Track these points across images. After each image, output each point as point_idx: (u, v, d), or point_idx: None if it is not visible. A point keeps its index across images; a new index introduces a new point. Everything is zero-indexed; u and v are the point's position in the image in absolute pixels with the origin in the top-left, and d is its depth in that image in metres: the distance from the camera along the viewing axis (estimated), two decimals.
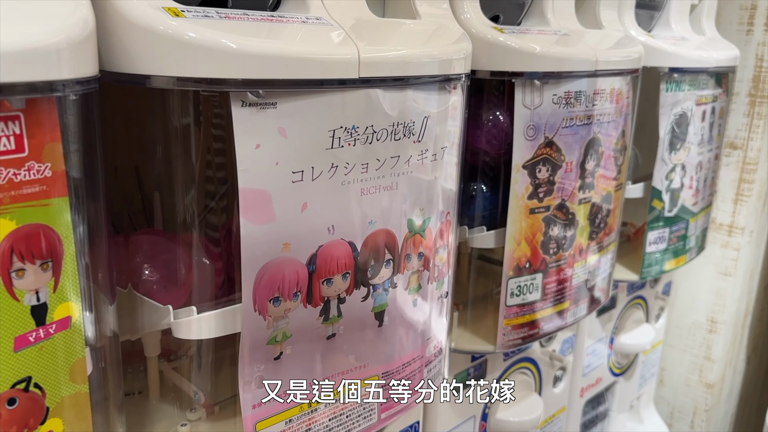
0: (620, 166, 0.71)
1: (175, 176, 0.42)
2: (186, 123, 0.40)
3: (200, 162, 0.43)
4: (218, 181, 0.46)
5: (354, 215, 0.44)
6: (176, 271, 0.46)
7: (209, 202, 0.47)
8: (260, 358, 0.42)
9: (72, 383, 0.34)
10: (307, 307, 0.43)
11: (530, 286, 0.64)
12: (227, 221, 0.47)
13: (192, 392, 0.50)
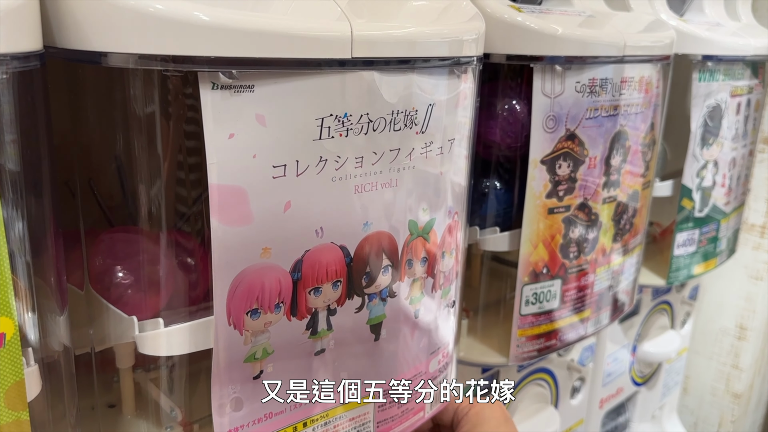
0: (648, 162, 0.65)
1: (140, 173, 0.37)
2: (150, 112, 0.35)
3: (169, 160, 0.38)
4: (191, 183, 0.41)
5: (346, 216, 0.39)
6: (147, 276, 0.41)
7: (183, 208, 0.42)
8: (237, 378, 0.37)
9: (9, 410, 0.29)
10: (292, 320, 0.38)
11: (548, 293, 0.58)
12: (203, 226, 0.42)
13: (168, 408, 0.45)
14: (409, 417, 0.48)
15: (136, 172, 0.37)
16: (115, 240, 0.42)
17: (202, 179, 0.41)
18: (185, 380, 0.45)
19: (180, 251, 0.42)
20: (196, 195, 0.42)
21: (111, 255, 0.40)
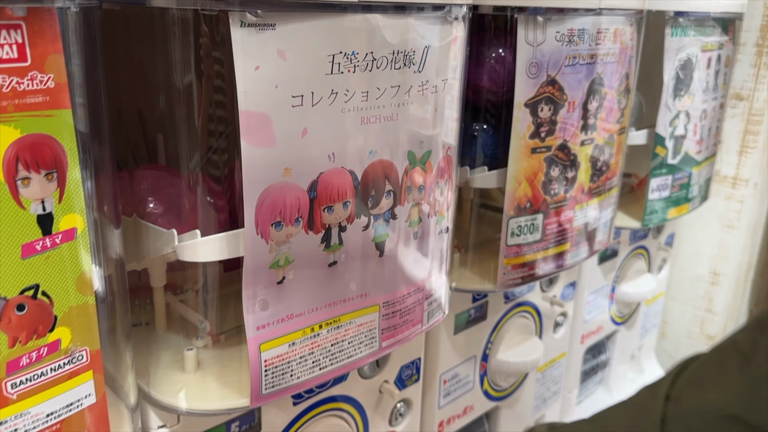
0: (623, 109, 0.71)
1: (177, 108, 0.42)
2: (187, 51, 0.41)
3: (203, 93, 0.44)
4: (218, 119, 0.47)
5: (354, 144, 0.45)
6: (180, 205, 0.46)
7: (213, 142, 0.47)
8: (263, 282, 0.43)
9: (79, 294, 0.35)
10: (309, 233, 0.44)
11: (531, 226, 0.64)
12: (230, 159, 0.47)
13: (198, 321, 0.51)
14: (409, 327, 0.54)
15: (175, 106, 0.42)
16: (150, 176, 0.48)
17: (227, 116, 0.47)
18: (213, 298, 0.51)
19: (207, 187, 0.47)
20: (222, 129, 0.48)
21: (153, 184, 0.46)
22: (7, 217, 0.31)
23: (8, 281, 0.31)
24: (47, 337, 0.34)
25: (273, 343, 0.45)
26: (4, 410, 0.33)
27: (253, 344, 0.44)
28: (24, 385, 0.33)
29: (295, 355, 0.46)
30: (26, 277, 0.32)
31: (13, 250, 0.31)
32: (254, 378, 0.44)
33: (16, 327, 0.32)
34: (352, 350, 0.50)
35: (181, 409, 0.45)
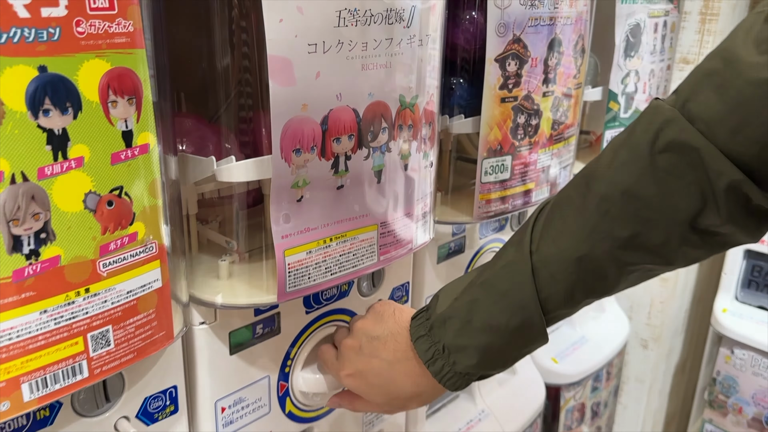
0: (579, 66, 0.82)
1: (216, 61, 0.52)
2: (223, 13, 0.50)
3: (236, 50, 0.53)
4: (245, 69, 0.56)
5: (357, 86, 0.55)
6: (215, 141, 0.56)
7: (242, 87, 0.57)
8: (286, 199, 0.53)
9: (150, 197, 0.44)
10: (321, 160, 0.54)
11: (501, 166, 0.75)
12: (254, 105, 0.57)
13: (226, 242, 0.60)
14: (402, 246, 0.64)
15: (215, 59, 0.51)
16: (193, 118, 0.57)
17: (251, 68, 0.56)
18: (238, 222, 0.60)
19: (239, 121, 0.57)
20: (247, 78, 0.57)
21: (192, 125, 0.55)
22: (101, 132, 0.40)
23: (102, 182, 0.41)
24: (128, 229, 0.43)
25: (294, 251, 0.55)
26: (97, 284, 0.42)
27: (279, 250, 0.54)
28: (111, 266, 0.43)
29: (311, 262, 0.56)
30: (114, 180, 0.42)
31: (105, 158, 0.41)
32: (280, 278, 0.54)
33: (107, 218, 0.42)
34: (356, 261, 0.60)
35: (218, 304, 0.55)
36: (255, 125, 0.57)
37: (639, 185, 0.46)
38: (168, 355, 0.54)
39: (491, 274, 0.54)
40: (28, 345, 0.39)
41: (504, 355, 0.54)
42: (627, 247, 0.48)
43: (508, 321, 0.52)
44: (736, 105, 0.42)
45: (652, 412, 1.41)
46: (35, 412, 0.47)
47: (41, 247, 0.39)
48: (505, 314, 0.52)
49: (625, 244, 0.48)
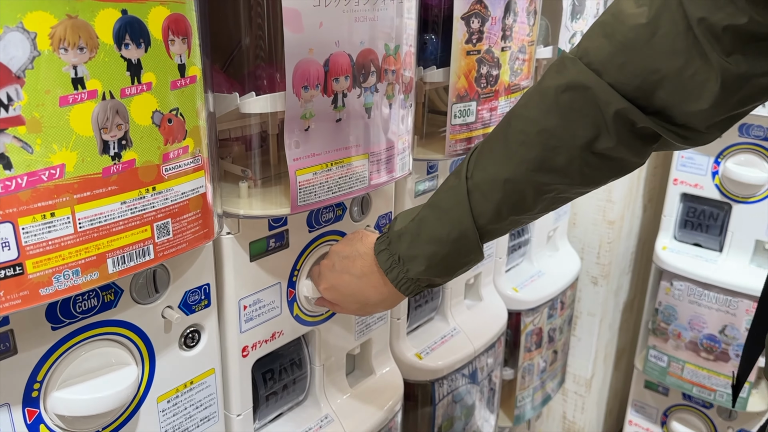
0: (532, 26, 0.95)
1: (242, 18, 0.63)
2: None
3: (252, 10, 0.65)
4: (259, 26, 0.68)
5: (351, 36, 0.67)
6: (239, 81, 0.68)
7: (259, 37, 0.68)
8: (296, 128, 0.65)
9: (198, 118, 0.56)
10: (324, 96, 0.66)
11: (467, 110, 0.88)
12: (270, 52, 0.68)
13: (242, 171, 0.72)
14: (385, 174, 0.77)
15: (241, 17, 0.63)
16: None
17: (263, 24, 0.67)
18: (254, 157, 0.72)
19: (258, 66, 0.68)
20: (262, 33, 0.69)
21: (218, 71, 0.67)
22: (164, 63, 0.52)
23: (164, 103, 0.52)
24: (182, 142, 0.55)
25: (303, 171, 0.67)
26: (161, 185, 0.54)
27: (291, 170, 0.66)
28: (171, 171, 0.54)
29: (316, 182, 0.69)
30: (173, 102, 0.53)
31: (167, 84, 0.52)
32: (293, 193, 0.66)
33: (168, 132, 0.53)
34: (352, 183, 0.73)
35: (241, 215, 0.67)
36: (268, 68, 0.68)
37: (546, 119, 0.59)
38: (203, 257, 0.66)
39: (437, 197, 0.67)
40: (112, 228, 0.51)
41: (447, 263, 0.67)
42: (539, 170, 0.61)
43: (449, 233, 0.65)
44: (621, 47, 0.55)
45: (604, 343, 1.58)
46: (103, 295, 0.58)
47: (122, 151, 0.50)
48: (446, 228, 0.65)
49: (537, 167, 0.61)
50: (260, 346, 0.75)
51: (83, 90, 0.47)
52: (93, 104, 0.48)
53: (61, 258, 0.48)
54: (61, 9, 0.45)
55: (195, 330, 0.68)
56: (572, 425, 1.63)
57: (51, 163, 0.46)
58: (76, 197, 0.48)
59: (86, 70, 0.47)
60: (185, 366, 0.68)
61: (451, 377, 1.02)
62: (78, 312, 0.57)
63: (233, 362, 0.73)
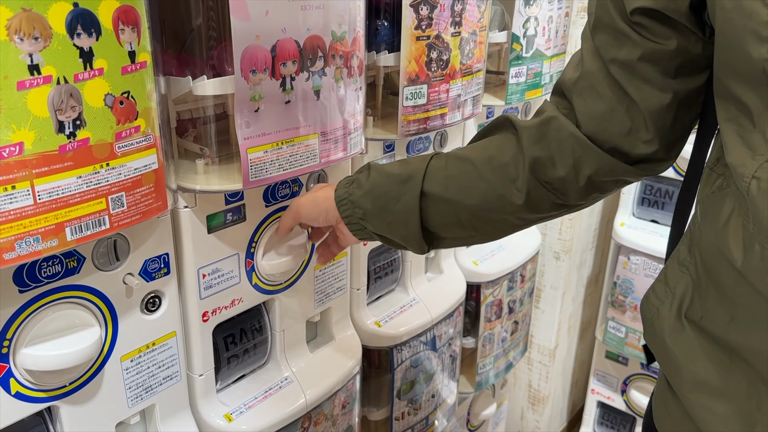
0: (483, 12, 1.00)
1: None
2: None
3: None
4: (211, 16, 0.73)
5: (298, 23, 0.72)
6: (192, 66, 0.73)
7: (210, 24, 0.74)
8: (246, 110, 0.71)
9: (148, 100, 0.62)
10: (272, 79, 0.72)
11: (418, 93, 0.94)
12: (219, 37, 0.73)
13: (199, 149, 0.78)
14: (337, 152, 0.83)
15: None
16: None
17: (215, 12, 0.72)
18: (210, 136, 0.78)
19: (208, 51, 0.74)
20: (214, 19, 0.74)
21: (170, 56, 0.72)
22: (115, 51, 0.57)
23: (116, 87, 0.58)
24: (134, 122, 0.60)
25: (254, 149, 0.73)
26: (114, 161, 0.59)
27: (242, 149, 0.71)
28: (124, 148, 0.60)
29: (267, 159, 0.74)
30: (124, 86, 0.59)
31: (118, 70, 0.58)
32: (245, 170, 0.72)
33: (119, 113, 0.59)
34: (303, 161, 0.78)
35: (197, 190, 0.72)
36: (219, 54, 0.74)
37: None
38: (161, 229, 0.72)
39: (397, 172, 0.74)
40: (69, 200, 0.57)
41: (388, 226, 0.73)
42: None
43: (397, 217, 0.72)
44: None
45: (567, 316, 1.65)
46: (67, 262, 0.64)
47: (77, 131, 0.56)
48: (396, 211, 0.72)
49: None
50: (220, 312, 0.82)
51: (39, 75, 0.52)
52: (48, 88, 0.53)
53: (22, 226, 0.54)
54: (17, 3, 0.50)
55: (156, 296, 0.74)
56: (537, 393, 1.71)
57: (11, 141, 0.52)
58: (35, 172, 0.54)
59: (41, 57, 0.52)
60: (147, 328, 0.74)
61: (410, 344, 1.09)
62: (43, 277, 0.63)
63: (194, 326, 0.79)
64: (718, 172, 0.56)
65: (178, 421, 0.80)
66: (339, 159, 0.83)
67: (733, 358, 0.52)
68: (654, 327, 0.61)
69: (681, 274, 0.59)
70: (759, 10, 0.45)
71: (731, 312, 0.52)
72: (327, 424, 0.96)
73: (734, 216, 0.51)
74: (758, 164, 0.46)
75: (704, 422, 0.55)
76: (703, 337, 0.55)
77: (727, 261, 0.51)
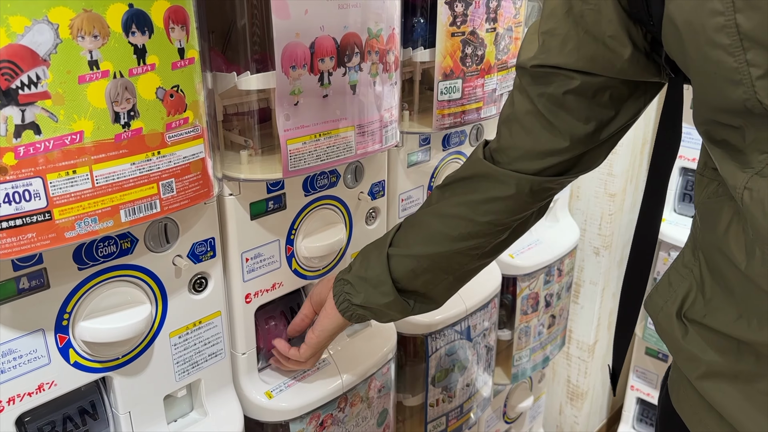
0: (518, 8, 1.02)
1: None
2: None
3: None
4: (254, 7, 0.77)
5: (336, 21, 0.76)
6: (236, 63, 0.78)
7: (254, 22, 0.78)
8: (287, 103, 0.75)
9: (196, 94, 0.66)
10: (311, 75, 0.76)
11: (453, 87, 0.97)
12: (262, 39, 0.78)
13: (244, 141, 0.83)
14: (373, 144, 0.86)
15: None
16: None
17: (258, 14, 0.77)
18: (253, 129, 0.83)
19: (253, 51, 0.78)
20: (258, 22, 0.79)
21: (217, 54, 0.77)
22: (165, 48, 0.62)
23: (166, 81, 0.63)
24: (183, 114, 0.65)
25: (293, 141, 0.77)
26: (165, 149, 0.65)
27: (282, 140, 0.76)
28: (173, 138, 0.65)
29: (306, 150, 0.78)
30: (174, 80, 0.64)
31: (168, 65, 0.63)
32: (284, 160, 0.76)
33: (170, 105, 0.64)
34: (339, 152, 0.82)
35: (241, 178, 0.77)
36: (262, 50, 0.78)
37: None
38: (208, 214, 0.77)
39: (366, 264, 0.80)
40: (123, 184, 0.62)
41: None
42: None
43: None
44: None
45: (607, 311, 1.64)
46: (121, 243, 0.70)
47: (131, 121, 0.61)
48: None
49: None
50: (262, 294, 0.86)
51: (98, 70, 0.58)
52: (106, 82, 0.58)
53: (81, 208, 0.60)
54: (78, 4, 0.55)
55: (202, 277, 0.79)
56: (576, 388, 1.71)
57: (72, 130, 0.57)
58: (93, 158, 0.59)
59: (100, 54, 0.57)
60: (194, 307, 0.79)
61: (444, 332, 1.12)
62: (100, 256, 0.68)
63: (238, 307, 0.84)
64: (708, 176, 0.58)
65: (222, 397, 0.85)
66: (375, 151, 0.87)
67: (741, 345, 0.54)
68: (662, 324, 0.63)
69: (684, 276, 0.61)
70: (725, 58, 0.46)
71: (739, 310, 0.54)
72: (362, 406, 0.99)
73: (734, 222, 0.53)
74: (748, 176, 0.48)
75: (721, 406, 0.57)
76: (708, 332, 0.57)
77: (731, 263, 0.53)
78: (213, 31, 0.81)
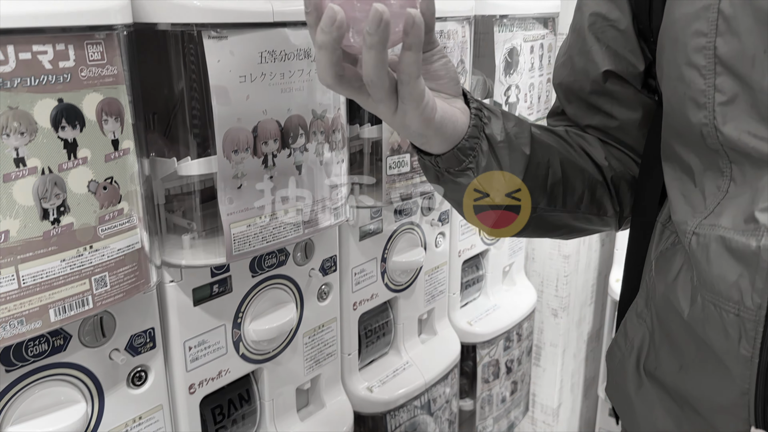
0: (462, 83, 1.04)
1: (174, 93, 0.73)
2: (178, 59, 0.71)
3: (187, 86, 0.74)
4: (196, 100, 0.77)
5: (278, 104, 0.76)
6: (175, 148, 0.76)
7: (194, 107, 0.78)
8: (229, 187, 0.74)
9: (131, 184, 0.65)
10: (254, 158, 0.75)
11: (401, 162, 0.97)
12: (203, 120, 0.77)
13: (187, 224, 0.81)
14: (320, 222, 0.85)
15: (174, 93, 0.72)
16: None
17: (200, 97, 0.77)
18: (196, 210, 0.81)
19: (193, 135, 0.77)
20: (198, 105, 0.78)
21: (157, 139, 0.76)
22: (98, 140, 0.61)
23: (99, 173, 0.61)
24: (117, 206, 0.63)
25: (237, 224, 0.75)
26: (97, 243, 0.62)
27: (225, 223, 0.74)
28: (107, 231, 0.63)
29: (251, 233, 0.77)
30: (107, 172, 0.62)
31: (101, 157, 0.61)
32: (228, 244, 0.75)
33: (103, 198, 0.62)
34: (286, 233, 0.81)
35: (182, 265, 0.75)
36: (203, 135, 0.77)
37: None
38: (146, 304, 0.74)
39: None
40: (53, 282, 0.59)
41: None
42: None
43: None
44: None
45: (569, 373, 1.63)
46: (53, 340, 0.66)
47: (61, 217, 0.59)
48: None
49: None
50: (207, 383, 0.83)
51: (24, 167, 0.56)
52: (33, 179, 0.56)
53: (6, 310, 0.56)
54: (4, 102, 0.54)
55: (142, 370, 0.75)
56: None
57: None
58: (19, 257, 0.56)
59: (27, 150, 0.55)
60: (134, 403, 0.75)
61: (404, 408, 1.09)
62: (30, 356, 0.65)
63: (181, 399, 0.80)
64: (670, 229, 0.58)
65: None
66: (323, 228, 0.86)
67: (685, 408, 0.54)
68: (616, 379, 0.63)
69: (638, 325, 0.61)
70: (696, 79, 0.48)
71: (680, 361, 0.54)
72: None
73: (684, 270, 0.53)
74: (698, 221, 0.49)
75: None
76: (659, 388, 0.57)
77: (676, 312, 0.53)
78: (155, 113, 0.80)
